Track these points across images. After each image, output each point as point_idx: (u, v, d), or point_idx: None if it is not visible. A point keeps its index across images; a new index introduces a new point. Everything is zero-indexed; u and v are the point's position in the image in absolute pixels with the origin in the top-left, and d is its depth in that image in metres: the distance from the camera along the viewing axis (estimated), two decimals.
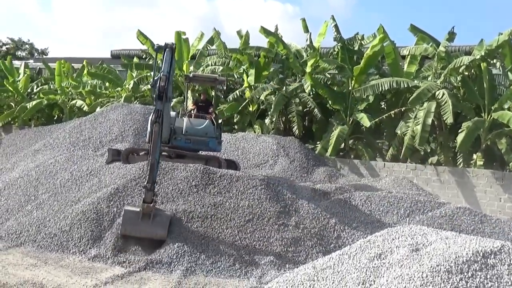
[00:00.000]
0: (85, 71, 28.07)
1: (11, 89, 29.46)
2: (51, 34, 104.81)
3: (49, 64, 32.25)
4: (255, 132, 22.22)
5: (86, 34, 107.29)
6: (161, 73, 10.99)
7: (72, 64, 30.45)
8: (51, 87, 29.32)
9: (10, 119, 28.83)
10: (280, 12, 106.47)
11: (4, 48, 56.24)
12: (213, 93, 19.53)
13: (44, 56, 54.39)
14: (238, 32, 25.43)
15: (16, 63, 35.42)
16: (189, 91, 19.24)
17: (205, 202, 11.33)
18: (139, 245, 10.27)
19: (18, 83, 30.15)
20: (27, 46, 58.53)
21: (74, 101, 27.76)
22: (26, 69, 32.06)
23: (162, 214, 10.65)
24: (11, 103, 30.11)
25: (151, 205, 10.26)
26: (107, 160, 14.06)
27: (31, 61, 42.01)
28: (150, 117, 11.50)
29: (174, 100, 24.27)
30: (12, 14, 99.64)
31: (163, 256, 9.88)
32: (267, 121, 22.63)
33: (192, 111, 15.59)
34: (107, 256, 9.91)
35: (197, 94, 22.55)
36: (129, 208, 10.64)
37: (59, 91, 28.20)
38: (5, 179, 14.08)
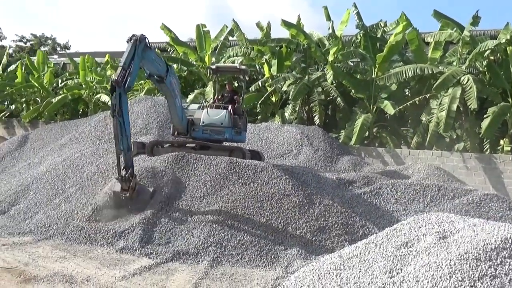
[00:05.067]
0: (109, 65, 28.36)
1: (37, 84, 29.88)
2: (67, 27, 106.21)
3: (73, 58, 32.61)
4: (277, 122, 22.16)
5: (103, 25, 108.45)
6: (119, 65, 10.91)
7: (96, 59, 30.71)
8: (76, 81, 29.65)
9: (36, 114, 29.23)
10: None
11: (28, 44, 57.04)
12: (235, 84, 19.44)
13: (67, 51, 55.05)
14: (258, 24, 25.31)
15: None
16: (214, 83, 19.08)
17: (230, 193, 11.37)
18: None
19: (43, 78, 30.57)
20: (49, 41, 59.31)
21: (98, 95, 28.03)
22: (49, 64, 32.49)
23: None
24: (37, 99, 30.56)
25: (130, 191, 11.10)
26: (132, 153, 14.16)
27: (55, 56, 42.49)
28: None
29: (196, 91, 24.37)
30: (22, 11, 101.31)
31: (190, 247, 9.96)
32: (288, 110, 22.54)
33: (214, 102, 15.64)
34: (135, 248, 10.02)
35: (225, 83, 22.55)
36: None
37: (83, 86, 28.54)
38: (33, 173, 14.28)
